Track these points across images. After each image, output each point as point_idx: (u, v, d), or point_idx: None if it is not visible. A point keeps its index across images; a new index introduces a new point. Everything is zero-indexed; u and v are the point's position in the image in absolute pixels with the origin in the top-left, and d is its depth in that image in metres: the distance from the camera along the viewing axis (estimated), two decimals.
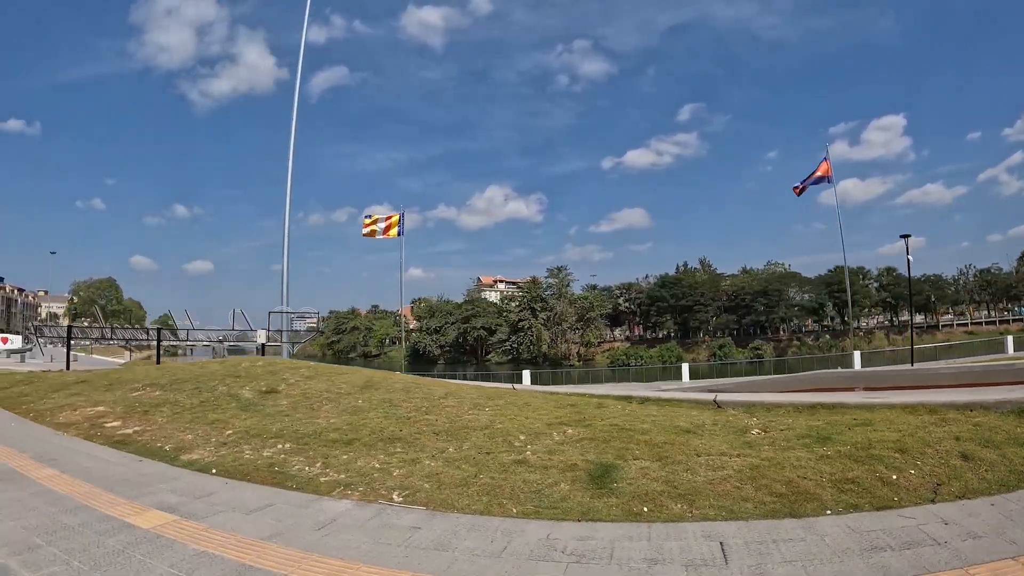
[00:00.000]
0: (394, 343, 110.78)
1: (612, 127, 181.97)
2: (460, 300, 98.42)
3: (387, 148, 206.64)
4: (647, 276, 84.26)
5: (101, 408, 9.09)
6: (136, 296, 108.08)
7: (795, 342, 76.61)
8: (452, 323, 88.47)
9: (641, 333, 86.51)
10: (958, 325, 76.91)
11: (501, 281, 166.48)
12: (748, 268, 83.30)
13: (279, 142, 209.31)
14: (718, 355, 72.15)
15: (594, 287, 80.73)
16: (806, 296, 77.10)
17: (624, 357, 73.53)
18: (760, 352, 72.77)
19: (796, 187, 27.76)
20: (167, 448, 6.94)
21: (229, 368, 11.77)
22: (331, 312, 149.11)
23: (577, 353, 76.59)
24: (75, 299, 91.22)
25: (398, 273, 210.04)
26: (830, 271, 78.95)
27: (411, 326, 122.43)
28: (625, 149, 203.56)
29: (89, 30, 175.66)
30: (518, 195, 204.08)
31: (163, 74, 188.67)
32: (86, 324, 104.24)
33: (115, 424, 8.16)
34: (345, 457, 6.25)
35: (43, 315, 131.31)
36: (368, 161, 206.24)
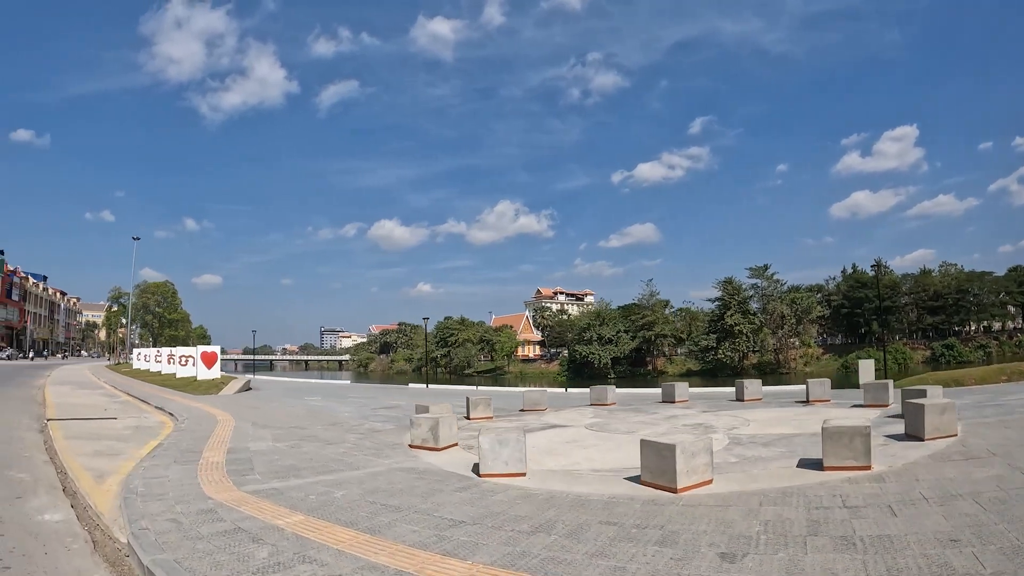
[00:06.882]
0: (509, 357, 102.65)
1: (621, 142, 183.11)
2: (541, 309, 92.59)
3: (395, 163, 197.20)
4: (833, 278, 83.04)
5: None
6: None
7: (994, 341, 77.57)
8: (627, 330, 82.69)
9: (827, 338, 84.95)
10: None
11: (561, 293, 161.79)
12: (925, 269, 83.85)
13: (287, 156, 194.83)
14: (946, 356, 71.38)
15: (797, 288, 78.11)
16: (999, 296, 78.42)
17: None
18: (989, 350, 72.93)
19: None
20: None
21: None
22: (400, 323, 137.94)
23: (790, 359, 73.32)
24: (115, 307, 77.74)
25: (406, 288, 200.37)
26: (1010, 269, 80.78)
27: (525, 339, 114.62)
28: (636, 163, 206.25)
29: (99, 43, 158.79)
30: (529, 210, 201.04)
31: (173, 87, 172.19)
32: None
33: None
34: None
35: (83, 322, 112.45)
36: (375, 177, 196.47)
